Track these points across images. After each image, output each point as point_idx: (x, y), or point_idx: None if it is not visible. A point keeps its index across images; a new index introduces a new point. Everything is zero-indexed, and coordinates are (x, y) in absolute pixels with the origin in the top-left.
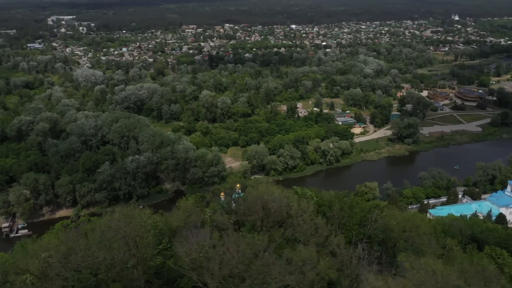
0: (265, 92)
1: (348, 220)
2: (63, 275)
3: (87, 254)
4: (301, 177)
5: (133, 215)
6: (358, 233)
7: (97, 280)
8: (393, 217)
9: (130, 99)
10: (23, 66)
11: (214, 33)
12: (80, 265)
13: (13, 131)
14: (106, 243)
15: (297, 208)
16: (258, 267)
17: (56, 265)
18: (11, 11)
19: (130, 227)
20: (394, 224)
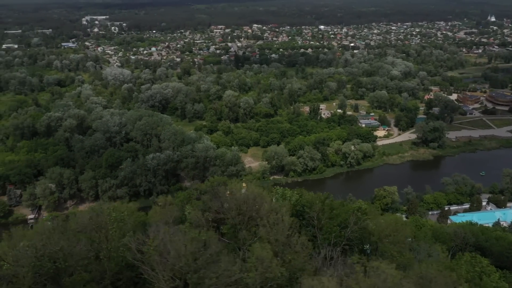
0: (289, 93)
1: (328, 222)
2: (30, 262)
3: (47, 243)
4: (320, 179)
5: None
6: (337, 235)
7: (57, 268)
8: (374, 221)
9: (155, 98)
10: (56, 65)
11: (242, 34)
12: (43, 253)
13: (42, 127)
14: (69, 234)
15: (268, 208)
16: (202, 263)
17: (24, 253)
18: (48, 11)
19: (96, 220)
20: (373, 228)
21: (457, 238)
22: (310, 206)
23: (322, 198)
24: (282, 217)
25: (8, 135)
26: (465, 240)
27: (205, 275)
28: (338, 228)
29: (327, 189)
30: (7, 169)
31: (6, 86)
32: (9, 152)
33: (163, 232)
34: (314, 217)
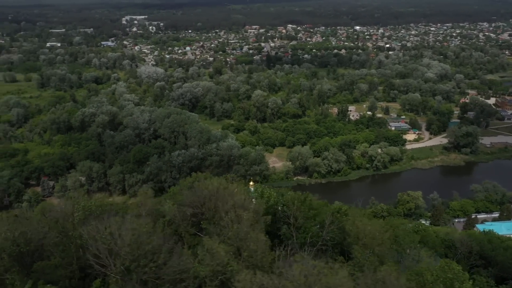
0: (318, 94)
1: (306, 222)
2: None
3: (11, 228)
4: (345, 181)
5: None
6: (313, 235)
7: (20, 252)
8: (352, 223)
9: (185, 96)
10: (95, 63)
11: (276, 34)
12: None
13: (77, 122)
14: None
15: (233, 204)
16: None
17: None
18: (91, 11)
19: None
20: (350, 229)
21: (463, 246)
22: (288, 205)
23: (301, 197)
24: (242, 213)
25: (45, 129)
26: (468, 248)
27: (144, 263)
28: (315, 228)
29: (350, 191)
30: (42, 161)
31: (47, 83)
32: (45, 145)
33: (113, 222)
34: (291, 216)
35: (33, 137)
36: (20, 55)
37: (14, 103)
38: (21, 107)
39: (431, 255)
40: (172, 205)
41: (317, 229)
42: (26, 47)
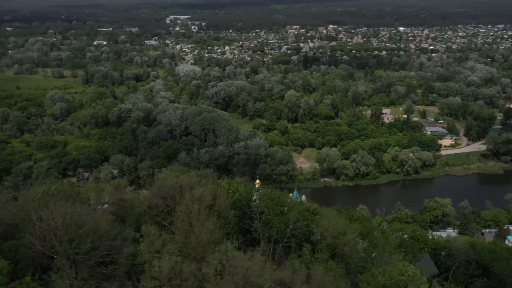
0: (353, 96)
1: (272, 218)
2: None
3: None
4: (373, 185)
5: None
6: (279, 231)
7: None
8: (321, 222)
9: (219, 95)
10: (137, 60)
11: (316, 34)
12: None
13: (114, 117)
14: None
15: (190, 197)
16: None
17: None
18: (138, 11)
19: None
20: (316, 228)
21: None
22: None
23: (270, 194)
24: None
25: (85, 123)
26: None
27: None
28: (280, 225)
29: (377, 196)
30: (79, 153)
31: (91, 79)
32: (84, 139)
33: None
34: (257, 212)
35: (73, 131)
36: (69, 52)
37: (59, 98)
38: (64, 101)
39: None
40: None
41: (283, 226)
42: (75, 45)
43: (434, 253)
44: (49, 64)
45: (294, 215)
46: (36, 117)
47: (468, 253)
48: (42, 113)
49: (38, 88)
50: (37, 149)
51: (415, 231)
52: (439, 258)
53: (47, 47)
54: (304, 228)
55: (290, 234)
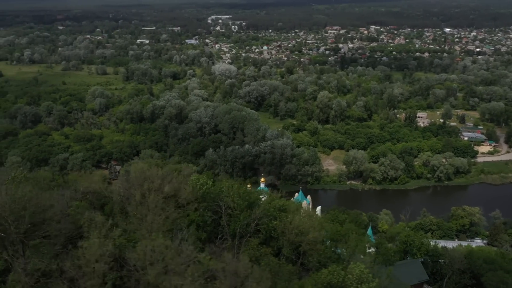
0: (388, 98)
1: (238, 213)
2: None
3: None
4: (401, 190)
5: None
6: (242, 226)
7: None
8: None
9: (251, 94)
10: (176, 59)
11: (356, 35)
12: None
13: (148, 113)
14: None
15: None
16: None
17: None
18: (181, 10)
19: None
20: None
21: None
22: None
23: (237, 189)
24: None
25: (121, 119)
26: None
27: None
28: (246, 220)
29: (405, 201)
30: (113, 147)
31: (131, 76)
32: (119, 133)
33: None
34: (222, 205)
35: (110, 125)
36: (112, 50)
37: (99, 94)
38: (104, 97)
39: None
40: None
41: (248, 221)
42: (119, 43)
43: (431, 260)
44: (93, 61)
45: (259, 211)
46: (77, 111)
47: (461, 262)
48: (83, 108)
49: (82, 84)
50: (75, 141)
51: (409, 236)
52: (436, 266)
53: (93, 45)
54: (267, 224)
55: (255, 230)
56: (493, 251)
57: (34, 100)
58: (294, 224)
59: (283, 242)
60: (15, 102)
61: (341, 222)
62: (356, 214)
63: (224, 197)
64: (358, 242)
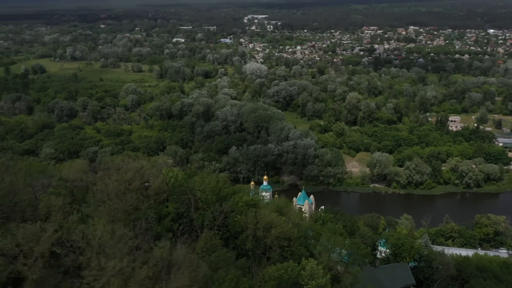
0: (420, 100)
1: (207, 207)
2: None
3: None
4: (426, 195)
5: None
6: (210, 219)
7: None
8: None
9: (280, 94)
10: (209, 58)
11: (394, 36)
12: None
13: (176, 110)
14: None
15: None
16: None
17: None
18: (219, 10)
19: None
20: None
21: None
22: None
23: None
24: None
25: (151, 115)
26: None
27: None
28: (214, 214)
29: (428, 206)
30: (140, 142)
31: (165, 74)
32: (148, 129)
33: None
34: (191, 198)
35: (140, 121)
36: (149, 48)
37: (132, 90)
38: (136, 94)
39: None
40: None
41: (215, 214)
42: (155, 41)
43: (425, 265)
44: (130, 59)
45: (227, 206)
46: (110, 107)
47: (450, 269)
48: (116, 104)
49: (118, 81)
50: (105, 136)
51: (399, 239)
52: (429, 271)
53: (131, 43)
54: (233, 219)
55: (222, 224)
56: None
57: (72, 95)
58: (259, 219)
59: (247, 236)
60: (54, 97)
61: (324, 222)
62: (366, 217)
63: (195, 190)
64: (330, 241)
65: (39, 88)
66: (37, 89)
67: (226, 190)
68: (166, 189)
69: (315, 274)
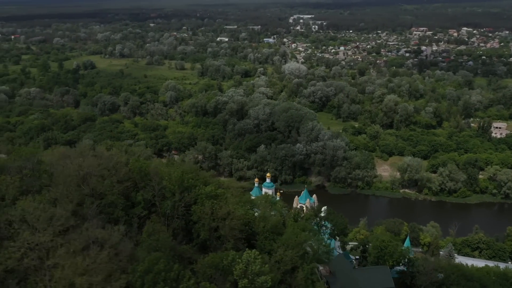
0: (464, 105)
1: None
2: None
3: None
4: (460, 203)
5: None
6: (171, 207)
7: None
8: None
9: (316, 94)
10: (250, 57)
11: (444, 37)
12: None
13: (211, 108)
14: None
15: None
16: None
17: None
18: (265, 10)
19: None
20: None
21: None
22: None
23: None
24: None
25: (187, 112)
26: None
27: None
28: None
29: (463, 215)
30: (173, 137)
31: (206, 72)
32: (183, 125)
33: None
34: (155, 187)
35: (176, 117)
36: (193, 47)
37: (171, 87)
38: (175, 90)
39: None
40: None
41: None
42: (200, 40)
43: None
44: (174, 57)
45: (188, 196)
46: (149, 102)
47: (432, 275)
48: (155, 100)
49: (160, 78)
50: (142, 130)
51: (383, 241)
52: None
53: (177, 41)
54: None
55: (184, 212)
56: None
57: (116, 90)
58: (216, 210)
59: (202, 225)
60: (100, 92)
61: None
62: (389, 222)
63: (161, 179)
64: (291, 237)
65: (87, 83)
66: (85, 83)
67: (191, 181)
68: (131, 177)
69: (251, 262)
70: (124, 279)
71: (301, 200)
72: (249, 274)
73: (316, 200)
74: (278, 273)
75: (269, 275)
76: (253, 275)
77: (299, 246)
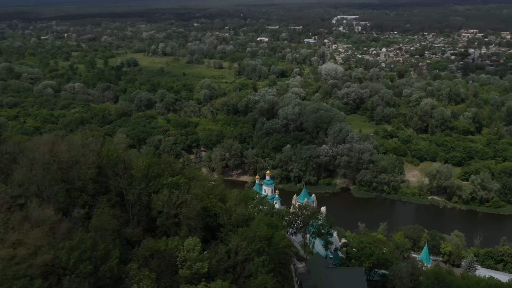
0: (507, 111)
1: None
2: None
3: None
4: (492, 214)
5: None
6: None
7: None
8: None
9: (350, 96)
10: (288, 57)
11: (496, 40)
12: None
13: (242, 107)
14: None
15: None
16: None
17: None
18: (309, 10)
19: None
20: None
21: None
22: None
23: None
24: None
25: (220, 110)
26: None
27: None
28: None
29: (493, 225)
30: (203, 134)
31: (243, 71)
32: (213, 123)
33: None
34: (121, 174)
35: (208, 115)
36: (232, 46)
37: (206, 85)
38: (210, 89)
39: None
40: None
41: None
42: (240, 40)
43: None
44: (214, 56)
45: (153, 185)
46: (184, 99)
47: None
48: (190, 97)
49: (198, 76)
50: (173, 126)
51: (361, 242)
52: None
53: (217, 41)
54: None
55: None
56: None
57: (154, 87)
58: (173, 199)
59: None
60: (139, 88)
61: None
62: (408, 228)
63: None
64: (257, 229)
65: (128, 79)
66: (126, 80)
67: (156, 171)
68: (99, 164)
69: (192, 248)
70: (51, 255)
71: (299, 199)
72: (189, 260)
73: (315, 200)
74: (227, 262)
75: (205, 262)
76: (192, 261)
77: (257, 240)
